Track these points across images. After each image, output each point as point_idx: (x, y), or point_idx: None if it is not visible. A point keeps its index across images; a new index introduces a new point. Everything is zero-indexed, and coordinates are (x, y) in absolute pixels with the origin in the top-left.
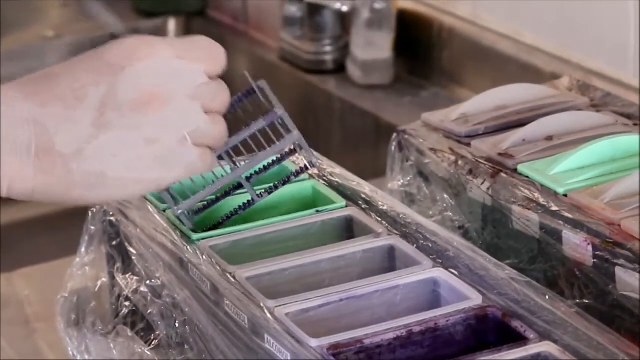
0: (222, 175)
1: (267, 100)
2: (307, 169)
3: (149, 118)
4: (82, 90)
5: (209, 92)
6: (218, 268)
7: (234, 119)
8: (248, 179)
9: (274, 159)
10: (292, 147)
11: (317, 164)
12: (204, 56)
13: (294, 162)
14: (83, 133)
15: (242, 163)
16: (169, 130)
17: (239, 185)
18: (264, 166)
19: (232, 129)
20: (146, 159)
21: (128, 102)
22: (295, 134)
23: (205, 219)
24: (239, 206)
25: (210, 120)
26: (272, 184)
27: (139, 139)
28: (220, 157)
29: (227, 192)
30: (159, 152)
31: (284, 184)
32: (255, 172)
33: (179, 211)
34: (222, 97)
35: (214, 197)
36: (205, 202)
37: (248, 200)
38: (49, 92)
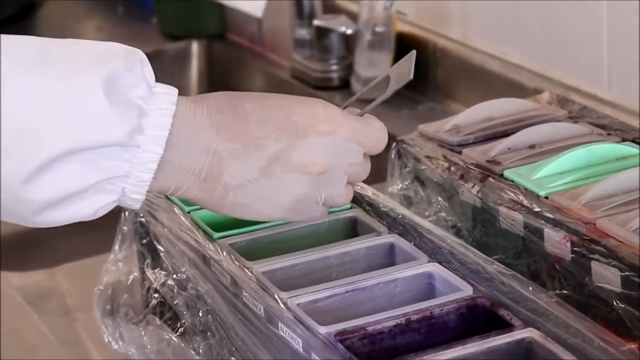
0: None
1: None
2: None
3: (304, 179)
4: (264, 141)
5: (359, 171)
6: (237, 263)
7: None
8: None
9: None
10: None
11: None
12: (370, 141)
13: None
14: (249, 174)
15: None
16: (314, 191)
17: None
18: None
19: None
20: (285, 205)
21: (295, 164)
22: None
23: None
24: None
25: (345, 191)
26: None
27: (288, 191)
28: None
29: None
30: (297, 203)
31: None
32: None
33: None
34: (365, 175)
35: None
36: None
37: None
38: (235, 131)
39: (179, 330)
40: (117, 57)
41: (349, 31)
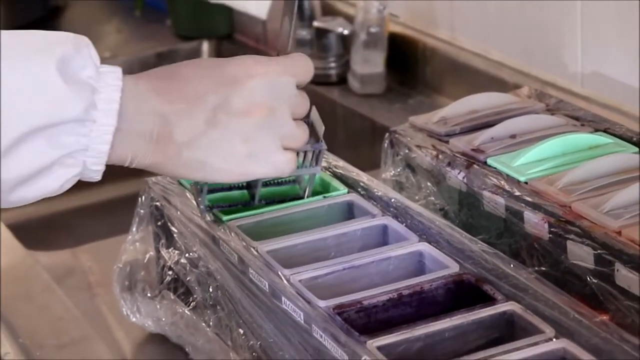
0: None
1: (313, 129)
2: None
3: (251, 122)
4: (204, 96)
5: (298, 102)
6: (244, 243)
7: None
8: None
9: (292, 179)
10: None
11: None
12: (299, 71)
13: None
14: (196, 128)
15: None
16: (265, 133)
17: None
18: (279, 181)
19: None
20: (241, 155)
21: (237, 109)
22: (319, 169)
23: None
24: (242, 202)
25: (296, 125)
26: (280, 199)
27: (238, 138)
28: None
29: (242, 186)
30: (253, 150)
31: (290, 201)
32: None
33: (203, 185)
34: (306, 105)
35: (229, 185)
36: (222, 187)
37: (248, 201)
38: (176, 92)
39: (191, 305)
40: (65, 42)
41: (346, 32)
